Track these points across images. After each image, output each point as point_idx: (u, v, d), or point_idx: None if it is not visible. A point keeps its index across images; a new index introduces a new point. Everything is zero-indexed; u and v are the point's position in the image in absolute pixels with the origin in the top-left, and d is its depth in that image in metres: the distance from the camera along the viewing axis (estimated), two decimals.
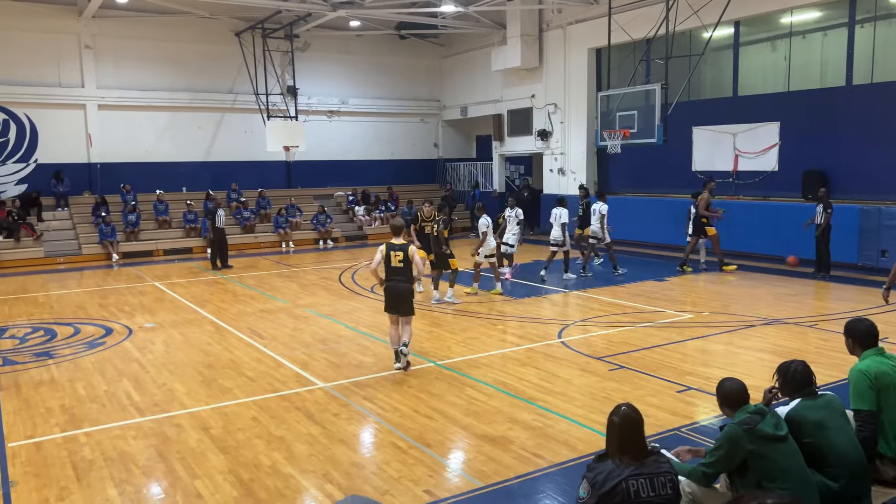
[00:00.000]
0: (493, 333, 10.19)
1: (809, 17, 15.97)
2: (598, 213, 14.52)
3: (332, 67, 24.94)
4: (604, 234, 14.49)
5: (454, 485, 5.38)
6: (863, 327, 4.61)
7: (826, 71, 15.72)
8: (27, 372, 8.64)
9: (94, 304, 13.06)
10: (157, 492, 5.37)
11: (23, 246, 18.79)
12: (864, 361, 4.46)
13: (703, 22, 15.31)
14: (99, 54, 20.99)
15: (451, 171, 27.62)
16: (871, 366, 4.39)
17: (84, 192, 21.22)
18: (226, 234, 17.65)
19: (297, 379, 8.12)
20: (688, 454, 4.46)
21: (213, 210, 17.28)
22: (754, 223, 16.06)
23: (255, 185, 23.21)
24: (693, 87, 17.56)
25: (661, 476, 3.54)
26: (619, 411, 3.68)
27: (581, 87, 20.76)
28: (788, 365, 4.35)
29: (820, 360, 8.29)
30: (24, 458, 6.00)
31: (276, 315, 11.76)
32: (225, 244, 17.48)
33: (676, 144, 17.02)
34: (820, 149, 15.44)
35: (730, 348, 9.06)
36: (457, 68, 26.38)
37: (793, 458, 3.86)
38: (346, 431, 6.47)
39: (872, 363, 4.42)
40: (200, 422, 6.78)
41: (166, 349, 9.63)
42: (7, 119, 20.05)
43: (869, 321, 4.64)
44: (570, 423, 6.54)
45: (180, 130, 22.56)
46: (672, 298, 12.28)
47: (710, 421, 6.43)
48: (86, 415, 7.07)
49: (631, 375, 7.93)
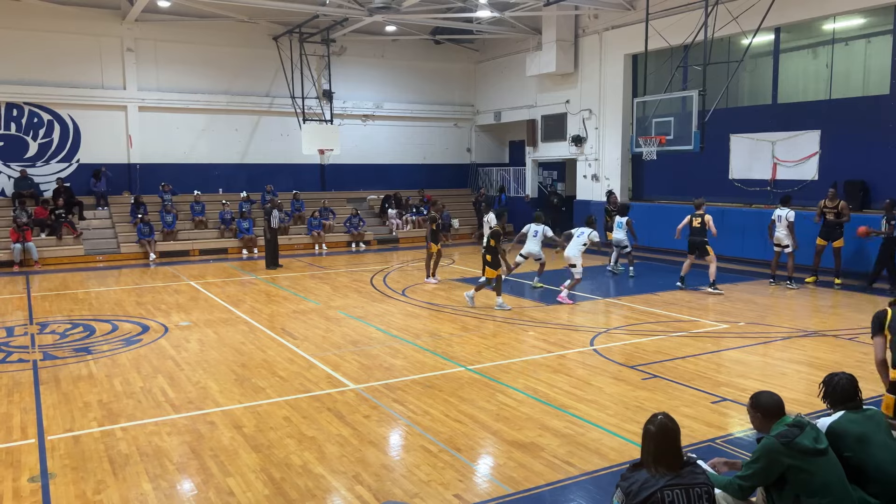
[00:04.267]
0: (524, 339, 10.14)
1: (852, 23, 15.64)
2: (622, 223, 15.63)
3: (368, 72, 25.12)
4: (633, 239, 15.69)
5: (484, 490, 5.36)
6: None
7: (869, 79, 15.37)
8: (66, 367, 8.83)
9: (132, 301, 13.30)
10: (189, 488, 5.44)
11: (64, 244, 19.25)
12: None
13: (743, 28, 15.08)
14: (140, 57, 21.43)
15: (483, 175, 27.60)
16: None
17: (123, 191, 21.66)
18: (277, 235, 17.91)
19: (329, 380, 8.18)
20: (724, 466, 4.39)
21: (270, 210, 17.56)
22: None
23: (290, 188, 23.45)
24: (731, 94, 17.32)
25: (697, 487, 3.49)
26: (655, 420, 3.63)
27: (616, 93, 20.60)
28: (833, 376, 4.26)
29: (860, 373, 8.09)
30: (62, 451, 6.13)
31: (308, 316, 11.85)
32: (276, 245, 17.73)
33: (713, 152, 16.79)
34: (861, 158, 15.10)
35: (766, 360, 8.90)
36: (491, 73, 26.38)
37: (833, 472, 3.77)
38: (376, 433, 6.49)
39: None
40: (233, 420, 6.86)
41: (201, 348, 9.77)
42: (52, 119, 20.58)
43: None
44: (602, 431, 6.47)
45: (217, 132, 22.92)
46: (707, 308, 12.10)
47: (746, 433, 6.31)
48: (122, 410, 7.20)
49: (664, 385, 7.83)
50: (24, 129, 20.33)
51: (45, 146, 20.61)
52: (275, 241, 17.77)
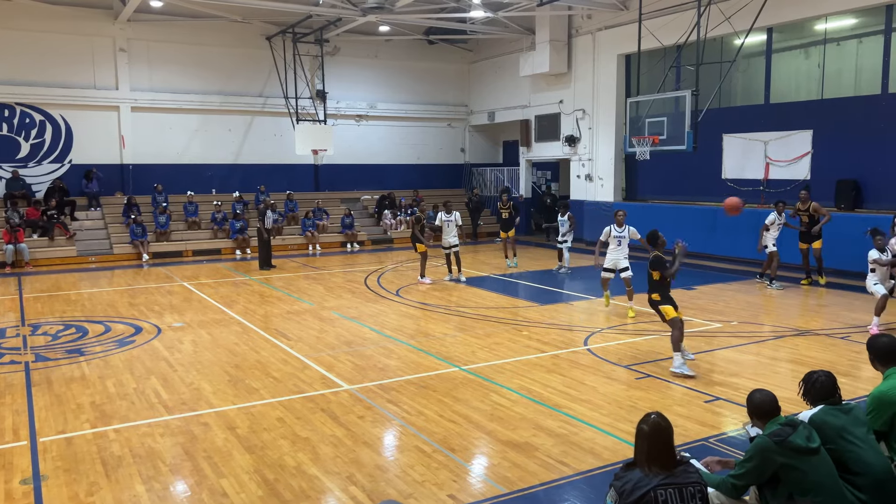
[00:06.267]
0: (519, 339, 10.14)
1: (844, 24, 15.71)
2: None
3: (361, 72, 25.10)
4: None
5: (478, 490, 5.36)
6: (881, 343, 4.56)
7: (861, 79, 15.45)
8: (59, 368, 8.79)
9: (125, 302, 13.26)
10: (183, 489, 5.42)
11: (56, 245, 19.17)
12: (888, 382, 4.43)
13: (735, 28, 15.14)
14: (133, 57, 21.35)
15: (477, 176, 27.61)
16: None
17: (116, 192, 21.58)
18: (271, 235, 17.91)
19: (323, 380, 8.16)
20: (717, 465, 4.41)
21: (264, 211, 17.57)
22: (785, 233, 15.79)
23: (284, 188, 23.40)
24: (724, 93, 17.37)
25: (690, 486, 3.50)
26: (648, 420, 3.64)
27: (610, 93, 20.64)
28: (812, 374, 4.34)
29: (853, 372, 8.15)
30: (54, 453, 6.10)
31: (302, 317, 11.83)
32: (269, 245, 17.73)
33: (706, 152, 16.83)
34: (854, 158, 15.17)
35: (759, 359, 8.93)
36: (485, 73, 26.39)
37: (826, 471, 3.79)
38: (370, 434, 6.48)
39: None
40: (227, 421, 6.84)
41: (194, 349, 9.74)
42: (43, 120, 20.49)
43: (889, 337, 4.59)
44: (596, 430, 6.48)
45: (211, 133, 22.85)
46: (700, 307, 12.13)
47: (739, 432, 6.33)
48: (115, 411, 7.17)
49: (658, 384, 7.85)
50: (16, 130, 20.22)
51: (37, 147, 20.51)
52: (269, 241, 17.76)
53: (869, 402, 4.41)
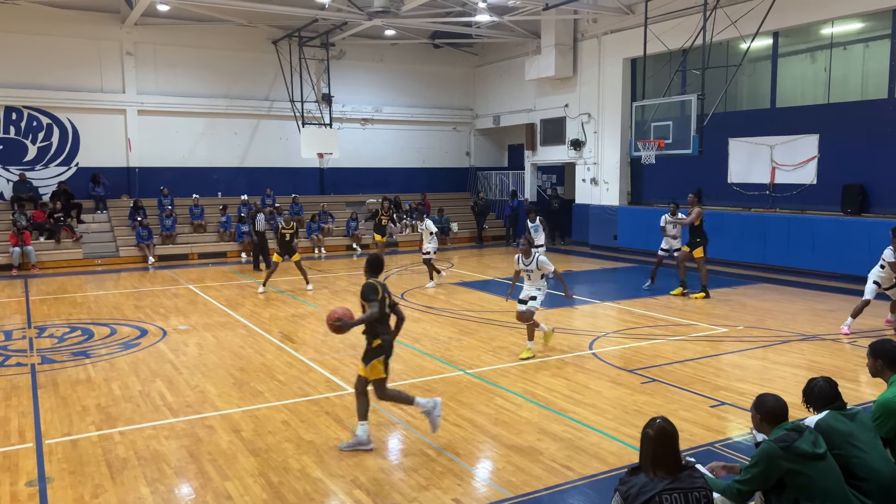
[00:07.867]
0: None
1: (851, 28, 15.67)
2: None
3: (367, 76, 25.14)
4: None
5: (482, 494, 5.35)
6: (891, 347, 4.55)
7: (867, 83, 15.40)
8: (65, 371, 8.82)
9: (130, 305, 13.29)
10: (188, 492, 5.43)
11: (63, 247, 19.24)
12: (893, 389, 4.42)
13: (741, 32, 15.11)
14: (140, 61, 21.44)
15: (482, 179, 27.62)
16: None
17: (122, 195, 21.65)
18: (266, 238, 17.97)
19: (328, 384, 8.16)
20: (722, 470, 4.38)
21: (254, 214, 17.69)
22: (791, 237, 15.79)
23: (289, 191, 23.44)
24: (730, 98, 17.34)
25: (696, 491, 3.49)
26: (653, 424, 3.63)
27: (615, 97, 20.63)
28: (812, 381, 4.33)
29: (859, 377, 8.11)
30: (60, 455, 6.11)
31: (307, 320, 11.84)
32: (266, 247, 17.81)
33: (712, 156, 16.79)
34: (860, 162, 15.12)
35: (765, 364, 8.89)
36: (490, 77, 26.41)
37: (832, 476, 3.77)
38: (374, 437, 6.46)
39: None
40: (232, 424, 6.85)
41: (199, 351, 9.75)
42: (51, 123, 20.58)
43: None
44: (601, 435, 6.46)
45: (217, 136, 22.92)
46: (705, 312, 12.10)
47: (745, 437, 6.30)
48: (120, 414, 7.18)
49: (663, 389, 7.82)
50: (24, 133, 20.32)
51: (45, 150, 20.60)
52: (262, 244, 17.83)
53: (874, 410, 4.38)
